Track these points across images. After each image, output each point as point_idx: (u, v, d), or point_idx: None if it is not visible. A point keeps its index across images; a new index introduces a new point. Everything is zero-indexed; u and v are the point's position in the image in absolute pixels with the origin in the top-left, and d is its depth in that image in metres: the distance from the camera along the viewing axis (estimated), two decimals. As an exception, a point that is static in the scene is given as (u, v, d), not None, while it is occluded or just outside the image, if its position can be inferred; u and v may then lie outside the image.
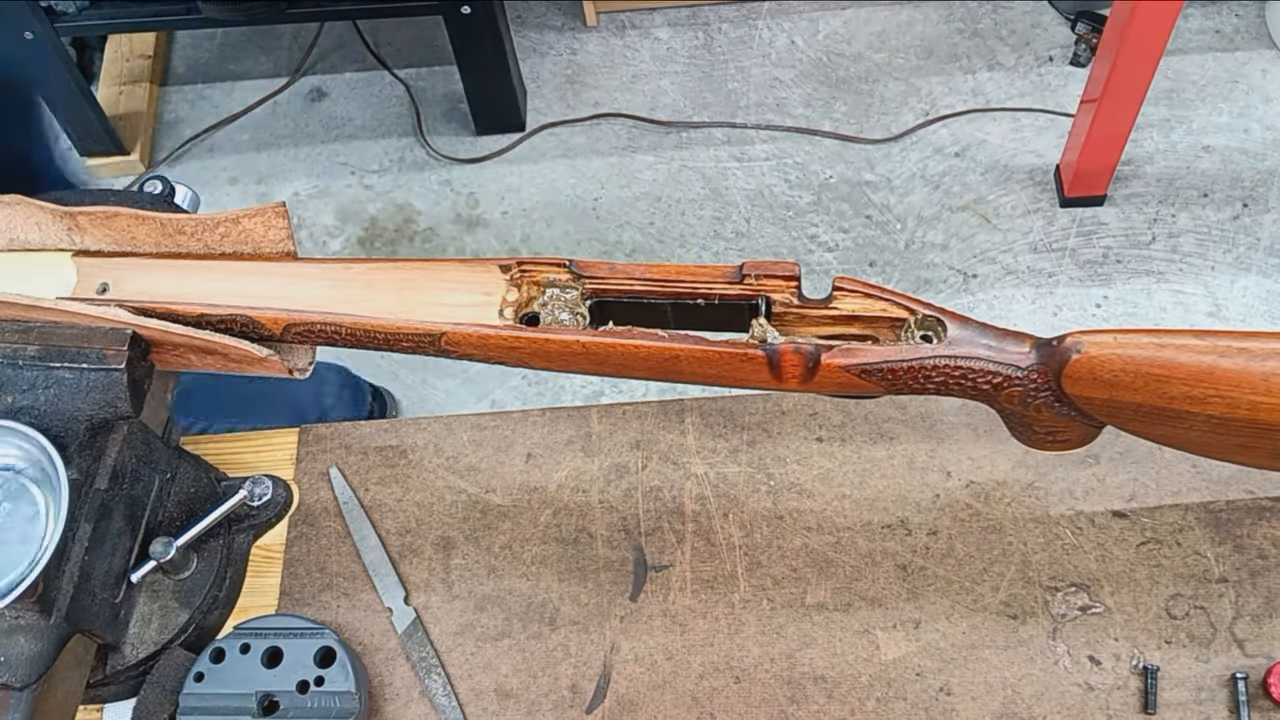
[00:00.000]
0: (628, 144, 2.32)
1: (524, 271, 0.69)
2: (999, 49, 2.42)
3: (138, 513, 0.75)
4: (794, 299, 0.68)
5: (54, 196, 0.73)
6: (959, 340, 0.66)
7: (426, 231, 2.27)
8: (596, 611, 0.85)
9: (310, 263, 0.72)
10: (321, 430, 0.95)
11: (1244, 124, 2.26)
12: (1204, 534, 0.85)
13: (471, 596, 0.86)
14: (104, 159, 2.39)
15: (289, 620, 0.80)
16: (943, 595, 0.84)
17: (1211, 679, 0.80)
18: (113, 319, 0.68)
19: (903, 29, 2.46)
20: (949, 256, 2.14)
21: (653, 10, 2.51)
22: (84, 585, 0.69)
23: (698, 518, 0.89)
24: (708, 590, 0.86)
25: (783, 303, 0.68)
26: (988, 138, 2.29)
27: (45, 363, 0.70)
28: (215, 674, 0.77)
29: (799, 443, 0.92)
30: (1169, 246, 2.13)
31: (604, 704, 0.82)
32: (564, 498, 0.90)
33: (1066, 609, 0.83)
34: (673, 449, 0.92)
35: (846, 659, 0.82)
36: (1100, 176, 2.12)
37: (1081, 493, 0.88)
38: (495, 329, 0.67)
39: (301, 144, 2.42)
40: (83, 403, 0.70)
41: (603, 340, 0.66)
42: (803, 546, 0.87)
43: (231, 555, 0.83)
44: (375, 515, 0.90)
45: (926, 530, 0.87)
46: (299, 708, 0.76)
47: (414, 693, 0.83)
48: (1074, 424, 0.69)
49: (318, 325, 0.69)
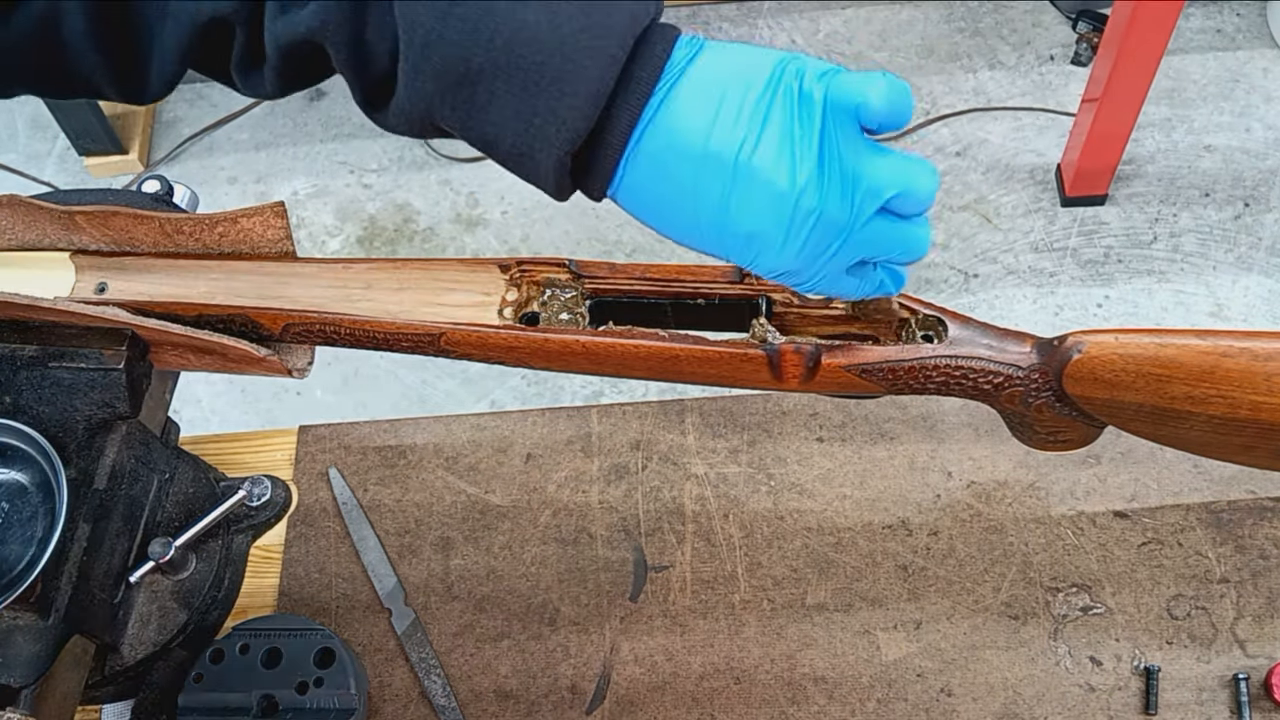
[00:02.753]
0: (628, 143, 2.32)
1: (524, 271, 0.69)
2: (1000, 48, 2.42)
3: (136, 513, 0.75)
4: (794, 299, 0.68)
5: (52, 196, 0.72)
6: (960, 340, 0.66)
7: (426, 231, 2.27)
8: (596, 612, 0.85)
9: (309, 262, 0.71)
10: (321, 430, 0.94)
11: (1245, 123, 2.26)
12: (1205, 534, 0.85)
13: (471, 597, 0.86)
14: (102, 158, 2.39)
15: (288, 620, 0.80)
16: (944, 596, 0.84)
17: (1213, 680, 0.80)
18: (111, 319, 0.68)
19: (903, 28, 2.46)
20: (950, 256, 2.14)
21: (653, 9, 2.50)
22: (82, 586, 0.69)
23: (698, 518, 0.88)
24: (708, 591, 0.85)
25: (783, 302, 0.68)
26: (989, 137, 2.29)
27: (43, 363, 0.70)
28: (214, 674, 0.77)
29: (799, 443, 0.91)
30: (1170, 246, 2.13)
31: (604, 705, 0.81)
32: (564, 498, 0.90)
33: (1068, 609, 0.83)
34: (673, 449, 0.92)
35: (847, 660, 0.82)
36: (1101, 176, 2.12)
37: (1083, 493, 0.87)
38: (495, 329, 0.67)
39: (300, 143, 2.41)
40: (81, 403, 0.70)
41: (603, 340, 0.66)
42: (803, 547, 0.87)
43: (230, 556, 0.83)
44: (374, 515, 0.90)
45: (927, 531, 0.87)
46: (298, 708, 0.76)
47: (413, 693, 0.83)
48: (1075, 424, 0.69)
49: (317, 325, 0.69)
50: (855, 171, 0.52)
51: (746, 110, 0.51)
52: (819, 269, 0.54)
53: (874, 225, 0.53)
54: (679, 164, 0.52)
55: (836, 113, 0.52)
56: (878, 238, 0.54)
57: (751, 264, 0.54)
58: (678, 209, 0.54)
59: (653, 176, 0.53)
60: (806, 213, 0.52)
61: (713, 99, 0.51)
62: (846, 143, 0.52)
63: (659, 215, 0.55)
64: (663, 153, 0.52)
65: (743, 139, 0.51)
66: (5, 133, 2.51)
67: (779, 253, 0.53)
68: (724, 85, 0.52)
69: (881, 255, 0.55)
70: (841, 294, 0.57)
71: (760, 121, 0.51)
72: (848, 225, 0.52)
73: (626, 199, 0.55)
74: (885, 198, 0.52)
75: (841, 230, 0.52)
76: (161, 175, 0.78)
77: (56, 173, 2.45)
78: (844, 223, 0.52)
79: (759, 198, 0.52)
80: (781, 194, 0.51)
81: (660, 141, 0.52)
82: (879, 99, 0.51)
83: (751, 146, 0.51)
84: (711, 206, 0.52)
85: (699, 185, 0.52)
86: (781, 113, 0.51)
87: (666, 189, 0.53)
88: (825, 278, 0.55)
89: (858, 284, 0.57)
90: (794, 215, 0.52)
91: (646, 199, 0.54)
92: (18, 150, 2.49)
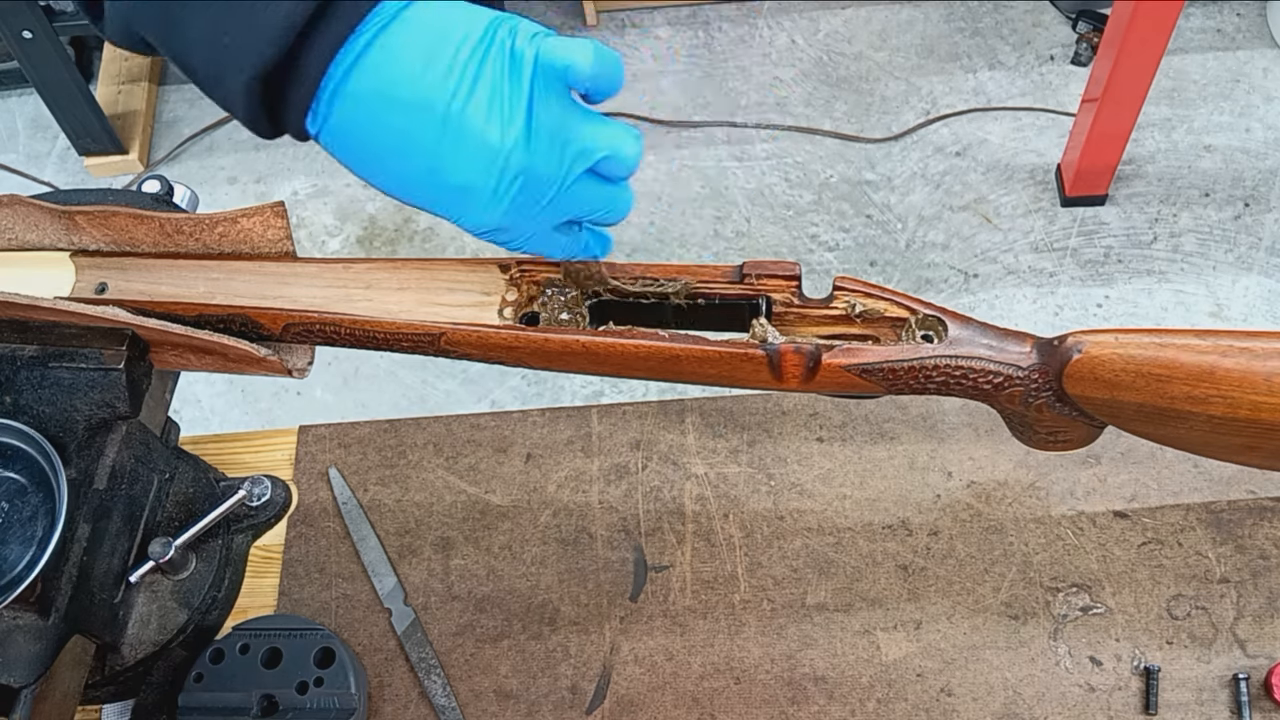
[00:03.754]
0: (628, 143, 2.32)
1: (524, 271, 0.69)
2: (1000, 48, 2.42)
3: (136, 513, 0.75)
4: (794, 299, 0.68)
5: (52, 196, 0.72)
6: (960, 340, 0.66)
7: (426, 231, 2.27)
8: (596, 612, 0.85)
9: (309, 262, 0.71)
10: (321, 430, 0.94)
11: (1245, 123, 2.26)
12: (1205, 534, 0.85)
13: (471, 597, 0.86)
14: (102, 158, 2.39)
15: (288, 620, 0.80)
16: (944, 596, 0.84)
17: (1213, 680, 0.80)
18: (111, 319, 0.68)
19: (903, 28, 2.46)
20: (950, 256, 2.14)
21: (653, 9, 2.51)
22: (83, 586, 0.69)
23: (698, 518, 0.88)
24: (708, 591, 0.85)
25: (783, 302, 0.68)
26: (989, 137, 2.29)
27: (43, 363, 0.70)
28: (214, 674, 0.77)
29: (799, 443, 0.91)
30: (1170, 246, 2.13)
31: (604, 705, 0.81)
32: (564, 498, 0.90)
33: (1068, 609, 0.83)
34: (673, 449, 0.92)
35: (847, 660, 0.82)
36: (1101, 176, 2.12)
37: (1083, 493, 0.87)
38: (495, 329, 0.67)
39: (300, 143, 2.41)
40: (81, 403, 0.70)
41: (603, 340, 0.66)
42: (803, 547, 0.87)
43: (230, 555, 0.83)
44: (374, 515, 0.90)
45: (927, 531, 0.87)
46: (298, 708, 0.76)
47: (413, 693, 0.83)
48: (1075, 424, 0.69)
49: (317, 325, 0.69)
50: (565, 133, 0.54)
51: (459, 63, 0.52)
52: (526, 227, 0.56)
53: (581, 185, 0.56)
54: (389, 110, 0.52)
55: (546, 74, 0.53)
56: (585, 197, 0.56)
57: (460, 219, 0.55)
58: (388, 158, 0.54)
59: (362, 122, 0.53)
60: (516, 170, 0.53)
61: (424, 48, 0.52)
62: (557, 104, 0.54)
63: (369, 163, 0.55)
64: (372, 97, 0.52)
65: (454, 90, 0.52)
66: (5, 133, 2.51)
67: (488, 208, 0.54)
68: (437, 36, 0.52)
69: (588, 215, 0.57)
70: (549, 253, 0.59)
71: (473, 76, 0.52)
72: (556, 183, 0.55)
73: (333, 142, 0.55)
74: (595, 159, 0.55)
75: (548, 187, 0.54)
76: (161, 175, 0.78)
77: (56, 173, 2.45)
78: (552, 181, 0.54)
79: (469, 151, 0.53)
80: (492, 149, 0.52)
81: (368, 84, 0.52)
82: (586, 63, 0.53)
83: (463, 99, 0.52)
84: (423, 156, 0.53)
85: (410, 134, 0.53)
86: (493, 69, 0.52)
87: (377, 136, 0.53)
88: (533, 236, 0.57)
89: (566, 243, 0.59)
90: (503, 171, 0.53)
91: (355, 145, 0.54)
92: (18, 150, 2.49)
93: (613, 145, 0.55)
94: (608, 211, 0.58)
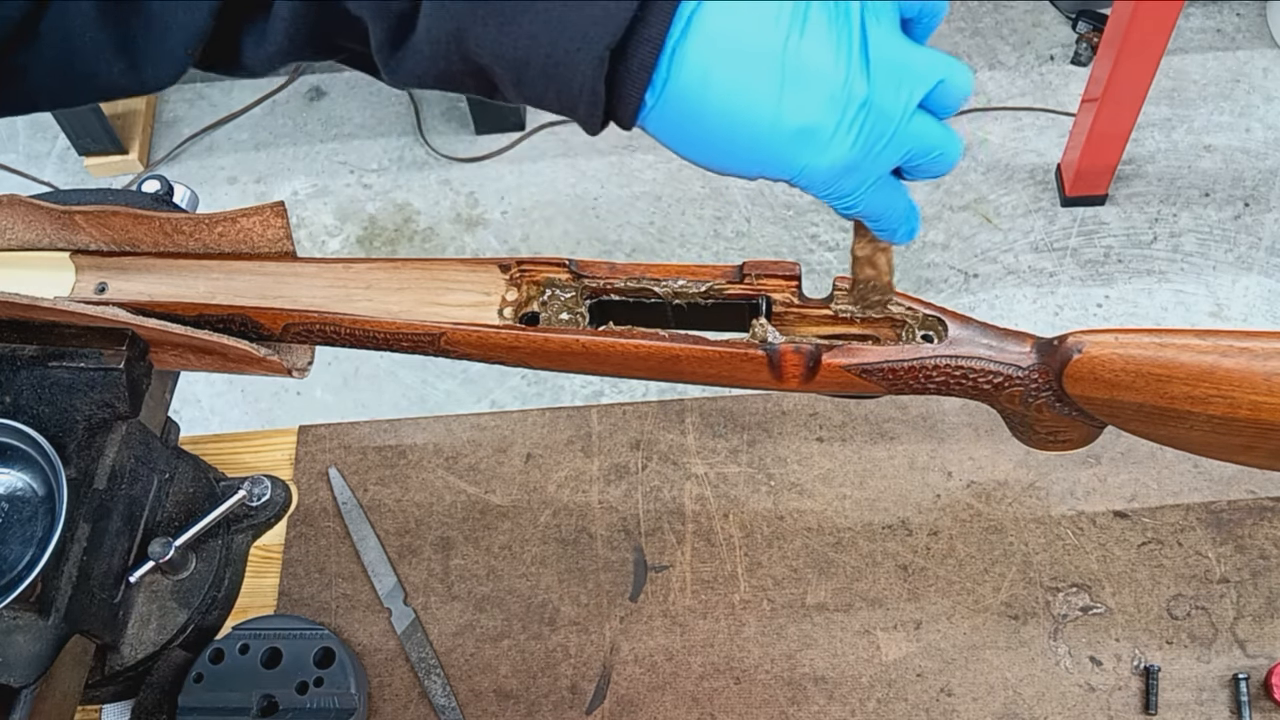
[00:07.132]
0: (628, 143, 2.32)
1: (524, 271, 0.69)
2: (1000, 48, 2.42)
3: (136, 513, 0.75)
4: (794, 299, 0.68)
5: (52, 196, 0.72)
6: (960, 340, 0.66)
7: (426, 231, 2.27)
8: (596, 612, 0.85)
9: (309, 262, 0.71)
10: (321, 430, 0.94)
11: (1245, 123, 2.26)
12: (1205, 534, 0.85)
13: (471, 597, 0.86)
14: (102, 158, 2.39)
15: (288, 621, 0.80)
16: (944, 596, 0.84)
17: (1213, 679, 0.80)
18: (111, 318, 0.68)
19: (903, 28, 2.45)
20: (950, 256, 2.14)
21: (653, 9, 2.50)
22: (82, 586, 0.69)
23: (698, 518, 0.88)
24: (708, 591, 0.85)
25: (783, 302, 0.68)
26: (989, 137, 2.29)
27: (43, 363, 0.70)
28: (214, 675, 0.77)
29: (799, 443, 0.91)
30: (1170, 246, 2.13)
31: (604, 705, 0.81)
32: (564, 498, 0.90)
33: (1068, 609, 0.83)
34: (673, 449, 0.92)
35: (847, 660, 0.82)
36: (1101, 176, 2.12)
37: (1083, 493, 0.87)
38: (495, 329, 0.67)
39: (300, 143, 2.41)
40: (81, 402, 0.70)
41: (603, 340, 0.66)
42: (803, 547, 0.87)
43: (230, 556, 0.83)
44: (374, 515, 0.90)
45: (927, 530, 0.87)
46: (298, 708, 0.76)
47: (413, 693, 0.83)
48: (1075, 424, 0.69)
49: (317, 325, 0.69)
50: (900, 60, 0.53)
51: (785, 9, 0.52)
52: (871, 168, 0.54)
53: (917, 120, 0.54)
54: (723, 66, 0.52)
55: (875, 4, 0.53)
56: (922, 133, 0.54)
57: (804, 169, 0.54)
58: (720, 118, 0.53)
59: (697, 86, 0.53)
60: (860, 101, 0.52)
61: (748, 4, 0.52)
62: (889, 33, 0.53)
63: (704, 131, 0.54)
64: (709, 54, 0.52)
65: (787, 32, 0.51)
66: (5, 133, 2.51)
67: (831, 147, 0.53)
68: None
69: (925, 155, 0.55)
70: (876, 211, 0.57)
71: (802, 17, 0.52)
72: (897, 115, 0.53)
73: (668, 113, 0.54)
74: (931, 84, 0.53)
75: (890, 121, 0.53)
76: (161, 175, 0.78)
77: (56, 173, 2.45)
78: (893, 112, 0.53)
79: (810, 89, 0.52)
80: (833, 82, 0.52)
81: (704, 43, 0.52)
82: None
83: (798, 38, 0.51)
84: (763, 105, 0.52)
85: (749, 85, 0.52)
86: (819, 9, 0.52)
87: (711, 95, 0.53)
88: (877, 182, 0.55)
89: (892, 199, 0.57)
90: (846, 105, 0.52)
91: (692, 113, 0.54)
92: (18, 150, 2.49)
93: (947, 69, 0.54)
94: (942, 152, 0.55)
